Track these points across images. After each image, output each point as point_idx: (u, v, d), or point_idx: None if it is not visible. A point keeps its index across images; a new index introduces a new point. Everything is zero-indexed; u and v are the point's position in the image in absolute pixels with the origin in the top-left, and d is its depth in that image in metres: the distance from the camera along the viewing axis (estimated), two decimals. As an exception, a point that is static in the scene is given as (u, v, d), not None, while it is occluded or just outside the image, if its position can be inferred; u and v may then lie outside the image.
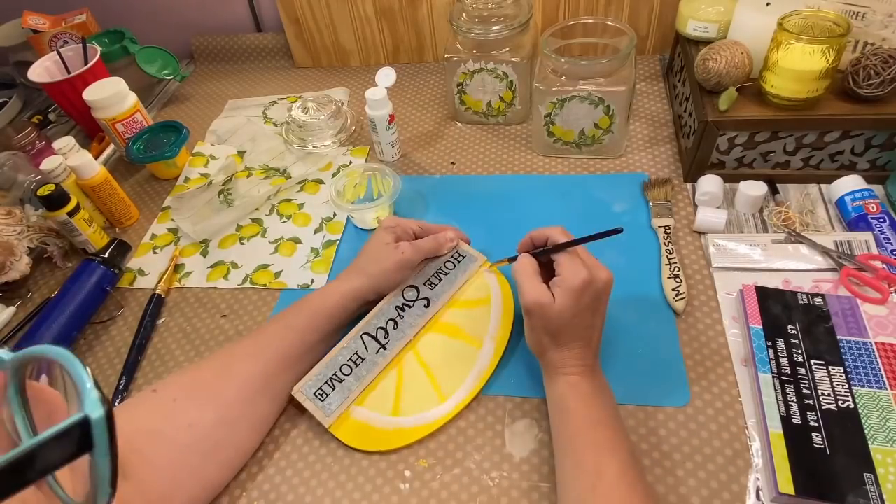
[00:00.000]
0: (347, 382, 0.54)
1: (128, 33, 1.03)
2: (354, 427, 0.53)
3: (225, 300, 0.68)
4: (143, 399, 0.50)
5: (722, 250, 0.62)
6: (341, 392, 0.54)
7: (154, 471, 0.45)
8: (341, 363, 0.55)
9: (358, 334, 0.57)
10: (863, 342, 0.52)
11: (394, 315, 0.58)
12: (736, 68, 0.64)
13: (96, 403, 0.20)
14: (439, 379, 0.55)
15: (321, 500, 0.50)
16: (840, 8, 0.63)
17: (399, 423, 0.53)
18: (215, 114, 0.98)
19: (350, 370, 0.55)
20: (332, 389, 0.54)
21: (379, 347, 0.56)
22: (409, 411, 0.53)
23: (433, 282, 0.60)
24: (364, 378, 0.55)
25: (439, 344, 0.57)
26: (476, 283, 0.61)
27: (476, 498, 0.48)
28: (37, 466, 0.18)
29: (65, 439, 0.19)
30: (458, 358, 0.56)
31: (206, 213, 0.76)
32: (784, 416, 0.48)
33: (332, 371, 0.55)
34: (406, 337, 0.57)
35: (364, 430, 0.52)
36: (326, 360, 0.55)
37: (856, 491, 0.43)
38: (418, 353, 0.57)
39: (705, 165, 0.69)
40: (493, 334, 0.57)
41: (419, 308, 0.59)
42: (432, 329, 0.58)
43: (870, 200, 0.62)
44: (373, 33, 0.99)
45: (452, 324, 0.58)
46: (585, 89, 0.70)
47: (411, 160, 0.82)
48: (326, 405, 0.53)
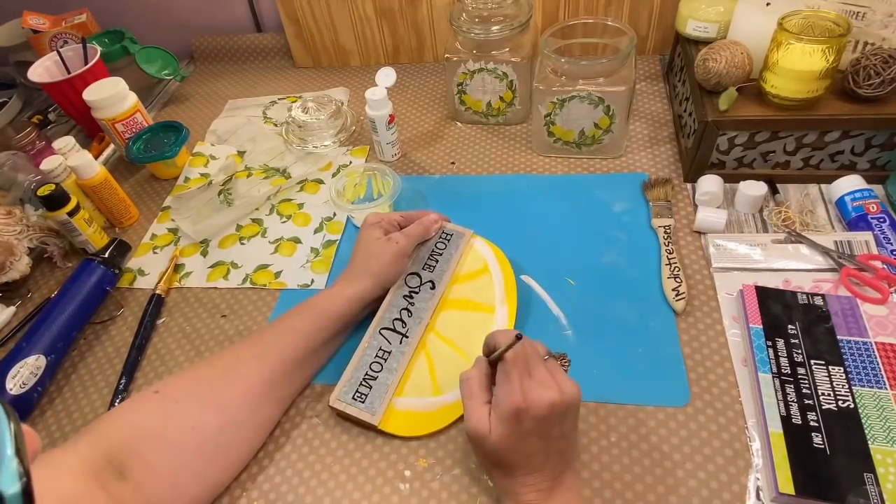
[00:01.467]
0: (382, 378, 0.54)
1: (128, 33, 1.03)
2: (402, 417, 0.53)
3: (225, 300, 0.68)
4: (145, 400, 0.49)
5: (722, 250, 0.62)
6: (379, 388, 0.54)
7: (155, 473, 0.45)
8: (369, 362, 0.55)
9: (376, 331, 0.57)
10: (863, 342, 0.52)
11: (404, 304, 0.59)
12: (736, 68, 0.64)
13: (13, 477, 0.18)
14: (466, 349, 0.56)
15: (321, 500, 0.50)
16: (840, 8, 0.63)
17: (442, 402, 0.53)
18: (215, 114, 0.98)
19: (380, 366, 0.55)
20: (368, 389, 0.54)
21: (401, 337, 0.57)
22: (448, 388, 0.54)
23: (431, 264, 0.61)
24: (396, 369, 0.55)
25: (455, 319, 0.58)
26: (470, 256, 0.62)
27: (476, 498, 0.48)
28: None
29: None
30: (476, 326, 0.57)
31: (206, 213, 0.76)
32: (784, 416, 0.47)
33: (362, 372, 0.55)
34: (423, 321, 0.58)
35: (412, 418, 0.53)
36: (354, 364, 0.55)
37: (856, 491, 0.43)
38: (438, 332, 0.58)
39: (705, 165, 0.69)
40: (501, 298, 0.59)
41: (426, 291, 0.59)
42: (444, 308, 0.59)
43: (870, 200, 0.62)
44: (373, 33, 0.99)
45: (461, 298, 0.60)
46: (585, 89, 0.70)
47: (411, 160, 0.82)
48: (368, 405, 0.53)
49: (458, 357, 0.56)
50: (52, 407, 0.60)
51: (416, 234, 0.60)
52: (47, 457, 0.43)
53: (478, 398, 0.43)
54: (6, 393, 0.56)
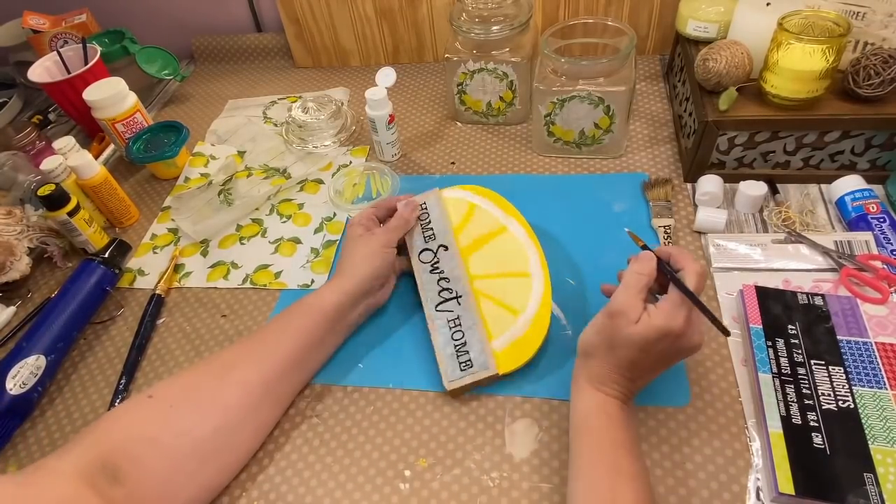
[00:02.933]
0: (469, 338, 0.56)
1: (128, 33, 1.03)
2: (508, 354, 0.54)
3: (225, 300, 0.68)
4: (139, 405, 0.49)
5: (722, 250, 0.62)
6: (475, 347, 0.55)
7: (150, 477, 0.45)
8: (449, 335, 0.56)
9: (433, 311, 0.58)
10: (863, 342, 0.52)
11: (437, 276, 0.60)
12: (736, 68, 0.64)
13: None
14: (507, 271, 0.59)
15: (321, 500, 0.50)
16: (840, 8, 0.63)
17: (526, 319, 0.56)
18: (215, 114, 0.98)
19: (460, 332, 0.56)
20: (467, 354, 0.55)
21: (456, 299, 0.58)
22: (520, 306, 0.57)
23: (429, 235, 0.63)
24: (474, 323, 0.56)
25: (496, 286, 0.59)
26: (483, 220, 0.63)
27: (476, 498, 0.48)
28: None
29: None
30: (517, 289, 0.58)
31: (206, 213, 0.76)
32: (784, 416, 0.47)
33: (451, 346, 0.56)
34: (461, 276, 0.59)
35: (515, 348, 0.55)
36: (440, 347, 0.56)
37: (856, 491, 0.43)
38: (478, 275, 0.60)
39: (705, 165, 0.69)
40: (535, 261, 0.60)
41: (443, 254, 0.61)
42: (467, 255, 0.61)
43: (870, 200, 0.62)
44: (373, 33, 0.99)
45: (492, 273, 0.60)
46: (585, 89, 0.70)
47: (411, 160, 0.82)
48: (479, 365, 0.54)
49: (506, 282, 0.59)
50: (52, 407, 0.60)
51: (396, 227, 0.61)
52: (39, 464, 0.43)
53: (641, 292, 0.46)
54: (6, 393, 0.56)
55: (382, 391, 0.57)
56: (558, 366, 0.56)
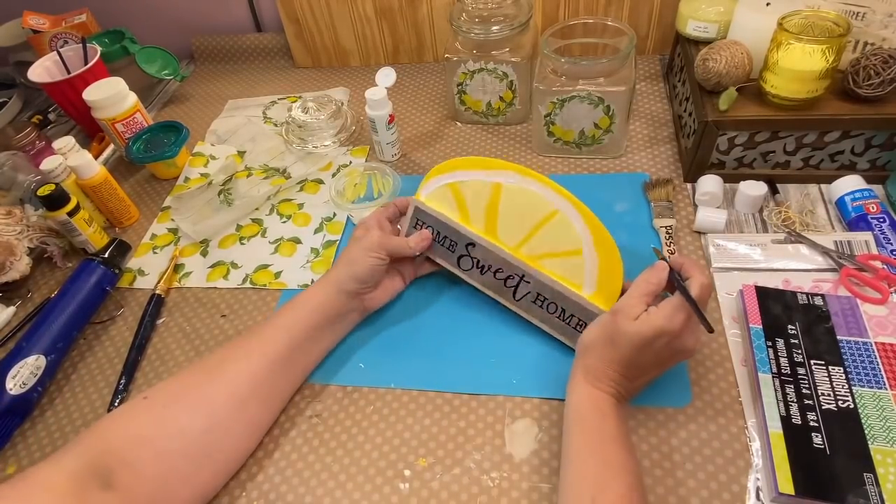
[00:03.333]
0: (562, 302, 0.56)
1: (128, 33, 1.03)
2: (601, 291, 0.55)
3: (225, 300, 0.68)
4: (134, 407, 0.49)
5: (722, 250, 0.62)
6: (571, 306, 0.55)
7: (142, 479, 0.44)
8: (546, 313, 0.57)
9: (520, 310, 0.58)
10: (863, 342, 0.52)
11: (490, 275, 0.59)
12: (736, 68, 0.64)
13: None
14: (566, 247, 0.57)
15: (321, 499, 0.50)
16: (840, 8, 0.63)
17: (591, 248, 0.55)
18: (215, 114, 0.98)
19: (552, 304, 0.56)
20: (574, 317, 0.56)
21: (520, 281, 0.58)
22: (578, 240, 0.56)
23: (449, 245, 0.60)
24: (554, 288, 0.56)
25: (540, 242, 0.57)
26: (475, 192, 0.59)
27: (476, 498, 0.48)
28: None
29: None
30: (559, 230, 0.57)
31: (206, 213, 0.76)
32: (784, 416, 0.47)
33: (556, 321, 0.57)
34: (508, 257, 0.58)
35: (603, 280, 0.55)
36: (552, 331, 0.57)
37: (856, 491, 0.43)
38: (532, 256, 0.58)
39: (705, 165, 0.69)
40: (551, 196, 0.57)
41: (477, 250, 0.59)
42: (522, 247, 0.58)
43: (870, 200, 0.62)
44: (373, 33, 0.99)
45: (526, 234, 0.58)
46: (585, 89, 0.70)
47: (411, 160, 0.82)
48: (587, 317, 0.55)
49: (545, 232, 0.57)
50: (52, 407, 0.60)
51: (396, 246, 0.59)
52: (28, 474, 0.42)
53: (645, 296, 0.48)
54: (6, 393, 0.56)
55: (382, 391, 0.57)
56: (558, 366, 0.56)
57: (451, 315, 0.62)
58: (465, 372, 0.57)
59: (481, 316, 0.61)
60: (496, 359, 0.57)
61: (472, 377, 0.56)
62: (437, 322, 0.62)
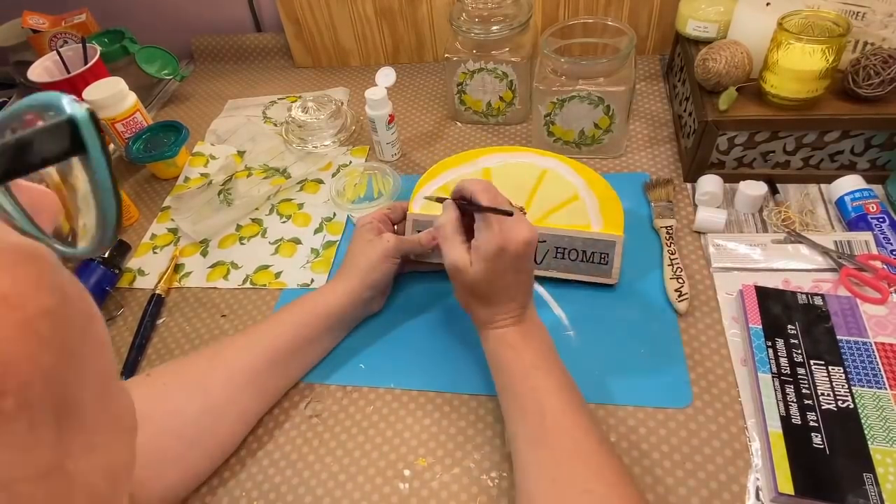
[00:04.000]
0: (579, 245, 0.60)
1: (128, 33, 1.03)
2: (608, 225, 0.60)
3: (225, 300, 0.68)
4: (136, 382, 0.51)
5: (722, 250, 0.62)
6: (590, 246, 0.59)
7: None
8: (570, 262, 0.60)
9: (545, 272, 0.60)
10: (862, 342, 0.52)
11: None
12: (736, 68, 0.64)
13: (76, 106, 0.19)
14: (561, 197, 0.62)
15: (321, 499, 0.50)
16: (840, 8, 0.63)
17: (587, 190, 0.62)
18: (215, 114, 0.98)
19: (573, 251, 0.60)
20: (595, 255, 0.59)
21: None
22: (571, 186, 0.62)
23: None
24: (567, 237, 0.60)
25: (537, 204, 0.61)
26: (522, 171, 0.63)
27: (476, 498, 0.48)
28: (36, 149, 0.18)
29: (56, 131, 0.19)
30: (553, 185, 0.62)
31: (206, 213, 0.76)
32: (784, 416, 0.48)
33: (582, 265, 0.60)
34: None
35: (607, 215, 0.60)
36: (582, 275, 0.60)
37: (855, 491, 0.43)
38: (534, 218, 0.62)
39: (705, 165, 0.69)
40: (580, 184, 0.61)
41: None
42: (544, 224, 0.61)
43: (870, 200, 0.62)
44: (373, 33, 0.99)
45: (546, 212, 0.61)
46: (585, 89, 0.70)
47: (411, 160, 0.82)
48: (608, 247, 0.59)
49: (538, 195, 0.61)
50: (51, 407, 0.60)
51: (410, 244, 0.59)
52: None
53: (454, 238, 0.49)
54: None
55: (382, 391, 0.57)
56: (558, 366, 0.56)
57: (451, 315, 0.62)
58: (465, 372, 0.57)
59: (481, 316, 0.61)
60: (496, 359, 0.57)
61: (472, 377, 0.56)
62: (437, 322, 0.62)
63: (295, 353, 0.55)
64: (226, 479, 0.52)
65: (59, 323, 0.18)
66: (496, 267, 0.47)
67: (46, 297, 0.18)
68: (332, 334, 0.58)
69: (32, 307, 0.17)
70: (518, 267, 0.48)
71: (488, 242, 0.46)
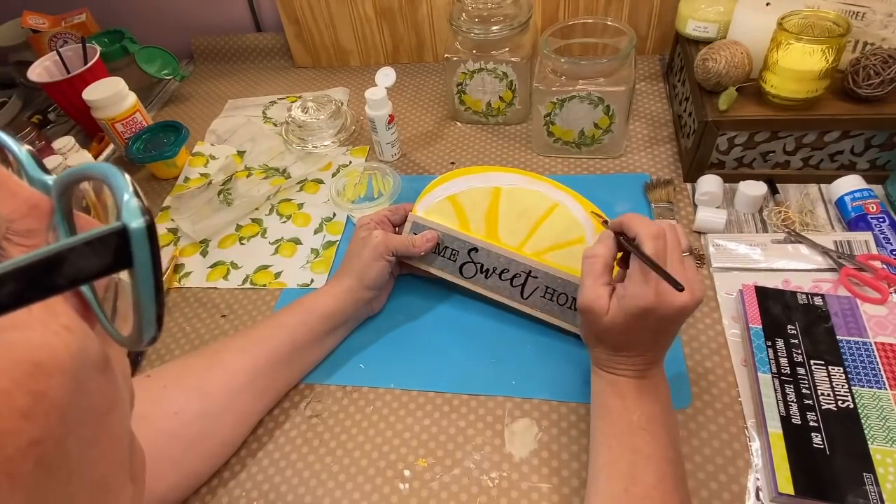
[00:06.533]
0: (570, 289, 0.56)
1: (128, 33, 1.03)
2: None
3: (225, 300, 0.68)
4: (136, 382, 0.50)
5: (722, 250, 0.62)
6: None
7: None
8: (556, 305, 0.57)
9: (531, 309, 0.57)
10: (862, 342, 0.52)
11: (495, 278, 0.58)
12: (736, 68, 0.64)
13: (135, 212, 0.17)
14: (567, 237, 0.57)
15: (321, 499, 0.50)
16: (840, 8, 0.63)
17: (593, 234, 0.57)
18: (215, 114, 0.98)
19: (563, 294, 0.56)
20: None
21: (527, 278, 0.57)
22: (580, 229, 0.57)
23: (451, 254, 0.59)
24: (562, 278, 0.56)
25: (540, 237, 0.58)
26: (472, 200, 0.60)
27: (476, 498, 0.48)
28: (65, 271, 0.16)
29: (99, 246, 0.16)
30: (560, 223, 0.58)
31: (206, 213, 0.76)
32: (784, 416, 0.47)
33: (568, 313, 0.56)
34: (512, 255, 0.58)
35: None
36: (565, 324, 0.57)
37: (855, 491, 0.43)
38: (534, 252, 0.58)
39: (705, 165, 0.69)
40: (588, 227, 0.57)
41: (480, 255, 0.58)
42: (526, 245, 0.58)
43: (869, 200, 0.62)
44: (373, 33, 0.99)
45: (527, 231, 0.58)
46: (585, 89, 0.70)
47: (411, 160, 0.82)
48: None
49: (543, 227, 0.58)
50: (51, 407, 0.60)
51: (398, 242, 0.58)
52: None
53: (599, 278, 0.44)
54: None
55: (382, 391, 0.57)
56: (557, 367, 0.56)
57: (452, 315, 0.62)
58: (465, 372, 0.57)
59: (481, 316, 0.61)
60: (496, 359, 0.57)
61: (471, 377, 0.56)
62: (437, 322, 0.62)
63: (294, 354, 0.55)
64: (226, 480, 0.52)
65: (47, 452, 0.16)
66: (636, 324, 0.42)
67: (38, 425, 0.16)
68: (332, 335, 0.58)
69: (12, 446, 0.15)
70: (661, 329, 0.43)
71: (637, 298, 0.41)
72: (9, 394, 0.15)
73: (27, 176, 0.20)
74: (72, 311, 0.18)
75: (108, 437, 0.19)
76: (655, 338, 0.44)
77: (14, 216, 0.18)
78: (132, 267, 0.17)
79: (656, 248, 0.42)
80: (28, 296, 0.15)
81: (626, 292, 0.42)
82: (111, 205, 0.19)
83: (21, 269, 0.15)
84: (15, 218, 0.18)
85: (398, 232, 0.62)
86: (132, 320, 0.19)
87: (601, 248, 0.45)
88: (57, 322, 0.17)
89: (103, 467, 0.19)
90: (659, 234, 0.42)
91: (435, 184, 0.62)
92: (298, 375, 0.57)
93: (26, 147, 0.21)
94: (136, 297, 0.18)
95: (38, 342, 0.16)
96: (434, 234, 0.59)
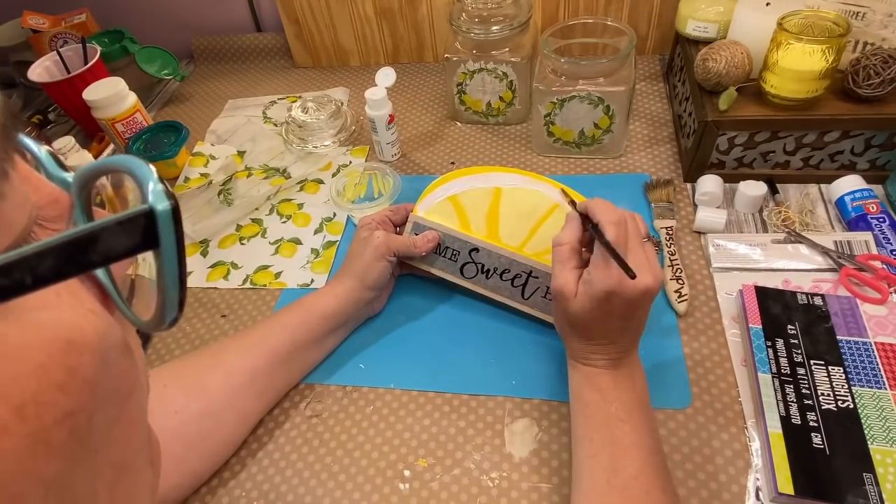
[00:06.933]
0: None
1: (128, 33, 1.03)
2: None
3: (225, 300, 0.68)
4: None
5: (722, 250, 0.62)
6: None
7: None
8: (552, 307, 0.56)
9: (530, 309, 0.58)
10: (862, 342, 0.52)
11: (496, 278, 0.58)
12: (736, 68, 0.64)
13: (161, 196, 0.17)
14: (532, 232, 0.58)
15: (321, 500, 0.50)
16: (840, 8, 0.63)
17: None
18: (215, 114, 0.98)
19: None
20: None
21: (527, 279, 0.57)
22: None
23: (452, 255, 0.59)
24: None
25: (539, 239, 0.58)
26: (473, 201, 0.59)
27: (476, 499, 0.48)
28: (99, 248, 0.17)
29: (129, 226, 0.17)
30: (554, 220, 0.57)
31: (206, 213, 0.76)
32: (784, 417, 0.48)
33: None
34: (512, 255, 0.58)
35: None
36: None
37: (855, 491, 0.43)
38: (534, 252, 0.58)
39: (705, 165, 0.69)
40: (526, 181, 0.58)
41: (481, 255, 0.58)
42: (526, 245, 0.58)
43: (869, 200, 0.62)
44: (373, 33, 0.99)
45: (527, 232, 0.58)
46: (585, 89, 0.70)
47: (411, 160, 0.82)
48: None
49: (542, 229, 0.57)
50: (51, 407, 0.60)
51: (399, 243, 0.58)
52: None
53: (568, 263, 0.45)
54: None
55: (382, 391, 0.57)
56: (557, 367, 0.56)
57: (451, 315, 0.62)
58: (465, 372, 0.57)
59: (481, 316, 0.61)
60: (496, 359, 0.57)
61: (471, 377, 0.56)
62: (436, 322, 0.62)
63: (294, 354, 0.55)
64: (226, 480, 0.52)
65: (79, 424, 0.17)
66: (602, 308, 0.43)
67: (73, 398, 0.17)
68: (333, 335, 0.58)
69: (50, 416, 0.16)
70: (628, 314, 0.43)
71: (600, 281, 0.42)
72: (46, 368, 0.16)
73: (47, 174, 0.21)
74: (94, 298, 0.20)
75: (129, 418, 0.20)
76: (624, 324, 0.44)
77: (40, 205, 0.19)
78: (158, 247, 0.18)
79: (617, 233, 0.43)
80: (66, 271, 0.16)
81: (591, 276, 0.43)
82: (132, 197, 0.20)
83: (60, 246, 0.16)
84: (42, 205, 0.19)
85: (399, 232, 0.62)
86: (154, 303, 0.20)
87: (567, 235, 0.46)
88: (83, 306, 0.18)
89: (125, 447, 0.20)
90: (620, 220, 0.43)
91: (436, 184, 0.62)
92: (299, 375, 0.57)
93: (45, 147, 0.22)
94: (160, 279, 0.19)
95: (69, 322, 0.17)
96: (435, 235, 0.59)
